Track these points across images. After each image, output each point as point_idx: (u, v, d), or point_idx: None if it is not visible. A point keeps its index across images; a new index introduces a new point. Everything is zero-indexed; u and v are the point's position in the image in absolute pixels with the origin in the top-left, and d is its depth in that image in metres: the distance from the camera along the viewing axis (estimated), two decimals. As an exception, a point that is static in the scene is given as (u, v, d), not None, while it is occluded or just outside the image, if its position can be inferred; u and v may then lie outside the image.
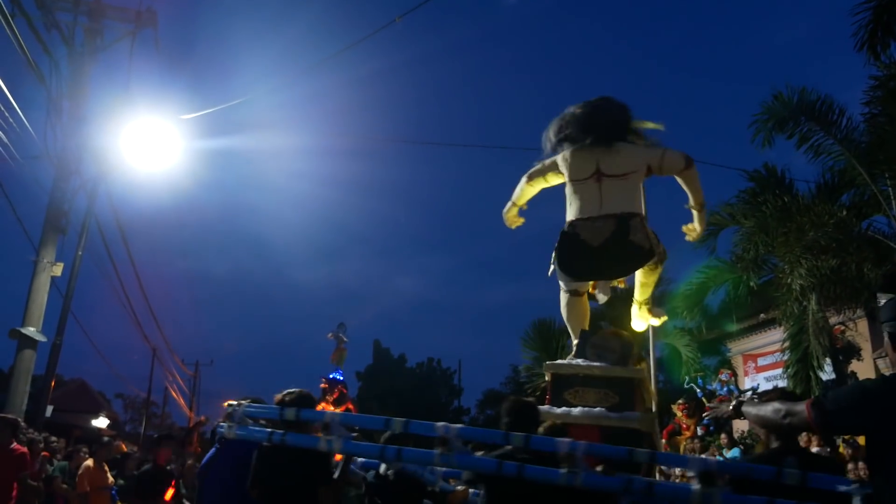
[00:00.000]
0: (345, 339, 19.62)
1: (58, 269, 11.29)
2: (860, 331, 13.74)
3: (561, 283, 5.95)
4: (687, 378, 15.76)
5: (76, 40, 12.05)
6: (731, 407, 3.48)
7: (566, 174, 5.91)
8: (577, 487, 3.30)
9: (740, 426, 15.33)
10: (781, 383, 13.95)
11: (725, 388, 15.12)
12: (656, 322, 6.59)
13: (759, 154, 12.26)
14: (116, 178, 13.04)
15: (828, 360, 11.47)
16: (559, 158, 5.96)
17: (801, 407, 2.53)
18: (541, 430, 4.06)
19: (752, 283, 12.65)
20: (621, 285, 6.57)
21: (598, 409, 5.12)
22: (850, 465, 8.36)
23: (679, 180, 5.95)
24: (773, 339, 15.35)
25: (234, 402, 4.43)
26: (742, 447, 11.64)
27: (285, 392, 4.23)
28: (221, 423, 4.42)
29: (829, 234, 10.85)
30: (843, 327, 12.80)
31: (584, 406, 5.18)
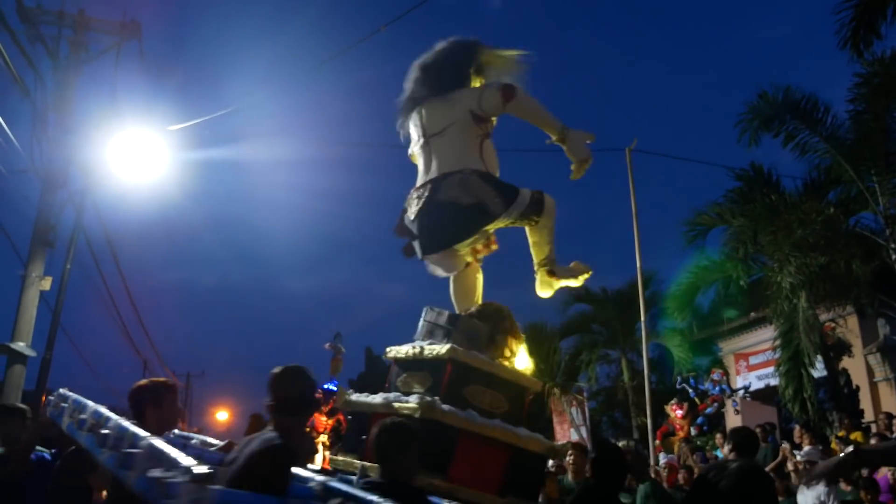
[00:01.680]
0: (342, 349, 19.59)
1: (46, 283, 11.21)
2: (850, 327, 13.79)
3: None
4: (679, 378, 15.81)
5: (61, 53, 12.00)
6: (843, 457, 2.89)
7: (413, 147, 5.33)
8: None
9: (734, 425, 15.37)
10: (774, 382, 14.00)
11: (718, 388, 15.17)
12: (573, 283, 5.38)
13: (746, 153, 12.35)
14: (104, 190, 12.98)
15: (819, 357, 11.52)
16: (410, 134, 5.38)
17: None
18: None
19: (741, 282, 12.70)
20: (485, 252, 5.34)
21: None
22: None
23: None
24: (764, 337, 15.39)
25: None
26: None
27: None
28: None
29: (817, 231, 10.92)
30: (833, 324, 12.84)
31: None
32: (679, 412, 14.78)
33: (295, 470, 2.89)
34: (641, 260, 12.63)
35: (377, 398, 4.60)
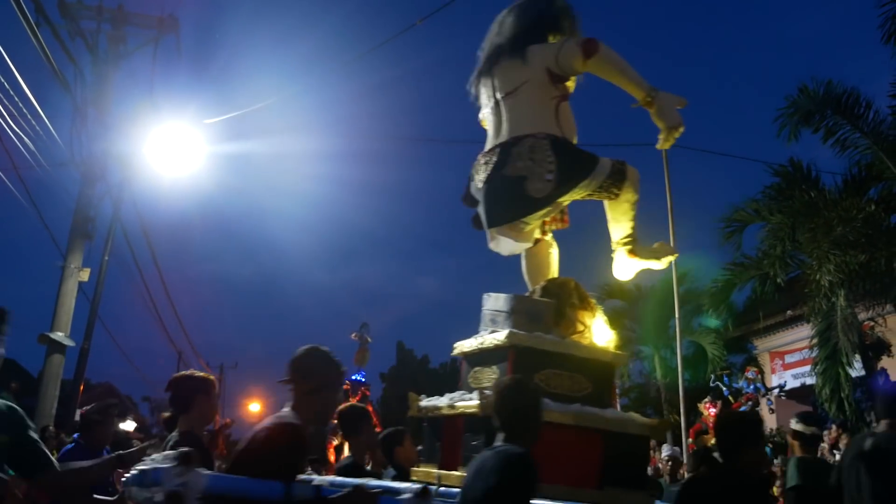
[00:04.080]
0: (368, 339, 19.64)
1: (85, 275, 11.42)
2: (890, 326, 13.49)
3: None
4: (713, 376, 15.62)
5: (100, 48, 12.19)
6: None
7: (483, 110, 4.95)
8: None
9: (769, 424, 15.16)
10: (810, 381, 13.76)
11: (752, 386, 14.95)
12: (657, 265, 4.86)
13: (785, 149, 12.14)
14: (141, 183, 13.18)
15: (857, 356, 11.31)
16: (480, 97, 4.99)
17: None
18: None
19: (778, 280, 12.49)
20: (554, 227, 4.98)
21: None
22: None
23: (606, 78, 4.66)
24: (800, 335, 15.14)
25: None
26: (771, 445, 11.50)
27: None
28: None
29: (857, 228, 10.70)
30: (872, 323, 12.58)
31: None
32: (712, 410, 14.60)
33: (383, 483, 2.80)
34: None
35: (443, 400, 4.27)
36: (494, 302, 4.44)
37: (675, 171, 7.15)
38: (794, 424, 4.99)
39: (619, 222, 4.70)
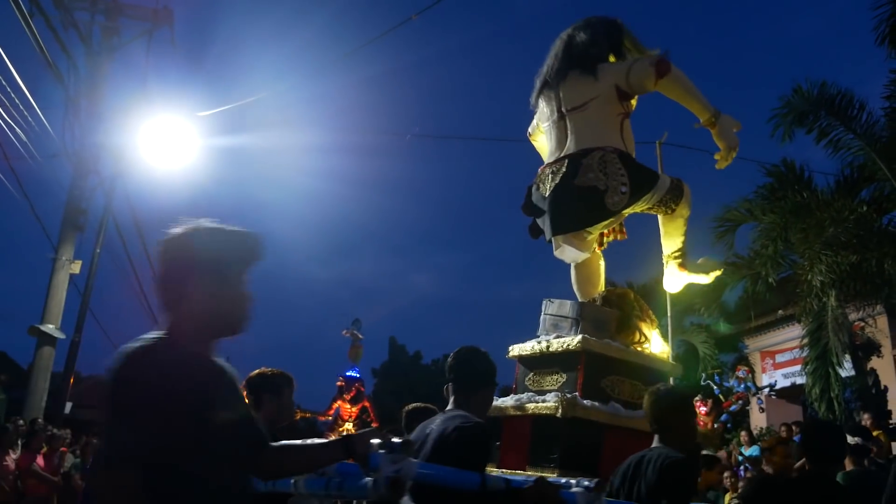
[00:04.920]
0: (360, 336, 19.60)
1: (76, 267, 11.37)
2: (880, 327, 13.57)
3: None
4: (704, 375, 15.66)
5: (93, 39, 12.13)
6: None
7: (540, 123, 5.15)
8: None
9: (759, 423, 15.23)
10: (800, 380, 13.82)
11: (743, 385, 15.01)
12: (704, 279, 5.11)
13: (778, 149, 12.17)
14: (133, 175, 13.12)
15: (847, 356, 11.36)
16: (538, 110, 5.17)
17: None
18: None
19: (770, 280, 12.53)
20: (612, 238, 5.15)
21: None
22: None
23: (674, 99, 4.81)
24: (791, 335, 15.21)
25: None
26: (761, 444, 11.54)
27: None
28: None
29: (849, 229, 10.74)
30: (862, 324, 12.64)
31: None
32: (703, 409, 14.66)
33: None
34: (668, 255, 12.55)
35: (508, 400, 4.32)
36: (559, 308, 4.57)
37: (669, 170, 7.17)
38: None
39: (672, 236, 4.95)
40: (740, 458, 9.87)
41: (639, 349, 4.50)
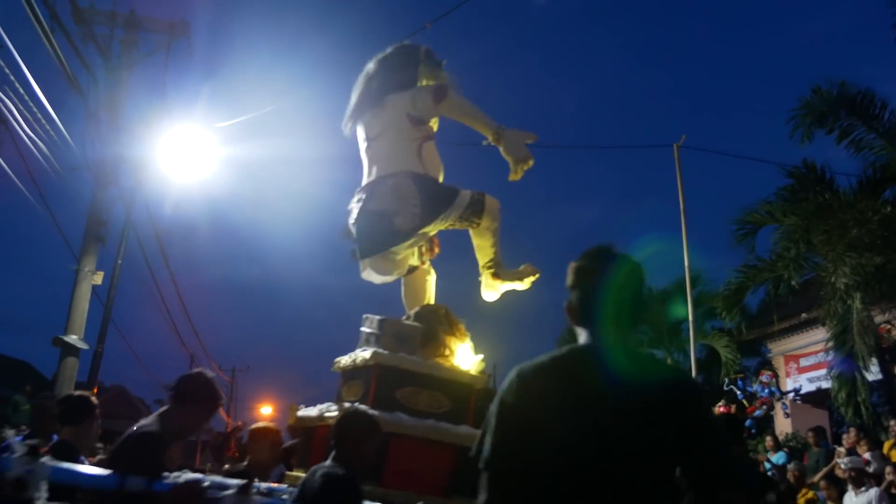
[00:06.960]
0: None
1: (98, 278, 11.45)
2: (907, 329, 13.39)
3: None
4: (727, 380, 15.49)
5: (113, 52, 12.25)
6: None
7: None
8: None
9: (784, 428, 15.03)
10: (825, 384, 13.63)
11: (767, 390, 14.83)
12: (520, 286, 5.31)
13: (798, 150, 12.05)
14: (153, 187, 13.22)
15: (874, 359, 11.19)
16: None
17: None
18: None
19: (793, 283, 12.38)
20: (428, 256, 5.42)
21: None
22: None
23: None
24: (815, 339, 15.00)
25: None
26: (787, 450, 11.38)
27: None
28: None
29: (873, 230, 10.59)
30: (889, 326, 12.46)
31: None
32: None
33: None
34: (689, 258, 12.45)
35: (313, 410, 4.65)
36: (370, 324, 4.85)
37: (687, 174, 7.13)
38: None
39: (483, 248, 5.17)
40: (767, 465, 9.73)
41: (441, 362, 4.70)
